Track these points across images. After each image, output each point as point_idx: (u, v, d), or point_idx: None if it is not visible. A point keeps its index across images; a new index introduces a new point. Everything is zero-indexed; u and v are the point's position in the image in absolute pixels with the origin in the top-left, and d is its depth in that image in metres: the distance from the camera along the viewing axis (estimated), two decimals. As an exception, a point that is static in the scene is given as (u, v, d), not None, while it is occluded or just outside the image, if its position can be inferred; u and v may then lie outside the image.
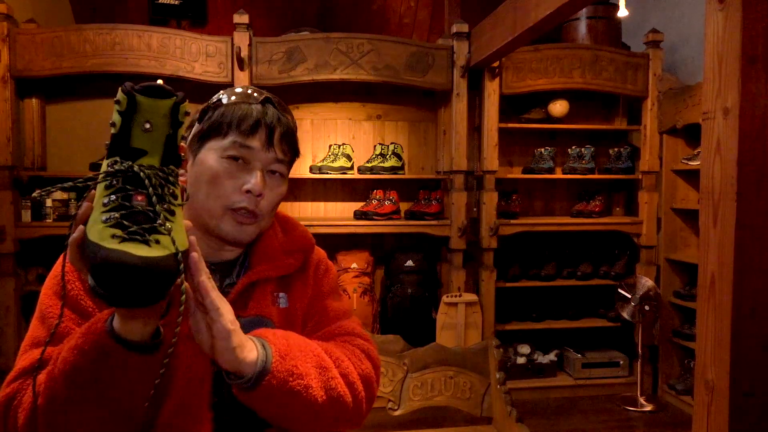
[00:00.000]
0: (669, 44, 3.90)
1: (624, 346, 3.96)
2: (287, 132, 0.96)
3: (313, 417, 0.88)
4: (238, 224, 0.93)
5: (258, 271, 0.97)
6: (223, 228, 0.93)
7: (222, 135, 0.92)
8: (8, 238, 3.13)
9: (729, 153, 1.34)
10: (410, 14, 5.11)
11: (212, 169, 0.92)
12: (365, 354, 1.00)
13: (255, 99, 0.95)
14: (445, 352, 2.29)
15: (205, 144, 0.94)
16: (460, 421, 2.79)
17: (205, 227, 0.94)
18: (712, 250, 1.39)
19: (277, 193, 0.97)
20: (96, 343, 0.73)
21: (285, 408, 0.85)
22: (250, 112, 0.93)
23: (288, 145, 0.97)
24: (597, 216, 3.84)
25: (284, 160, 0.97)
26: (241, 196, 0.92)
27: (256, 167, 0.93)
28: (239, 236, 0.94)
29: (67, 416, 0.77)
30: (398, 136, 3.87)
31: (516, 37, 2.78)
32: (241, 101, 0.94)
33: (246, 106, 0.93)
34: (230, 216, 0.92)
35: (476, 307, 3.49)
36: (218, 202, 0.92)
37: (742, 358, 1.33)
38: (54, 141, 3.48)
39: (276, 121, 0.94)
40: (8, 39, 3.12)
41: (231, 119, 0.92)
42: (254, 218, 0.94)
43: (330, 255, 4.25)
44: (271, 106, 0.96)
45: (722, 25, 1.35)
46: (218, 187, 0.92)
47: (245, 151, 0.92)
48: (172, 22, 4.55)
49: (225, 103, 0.94)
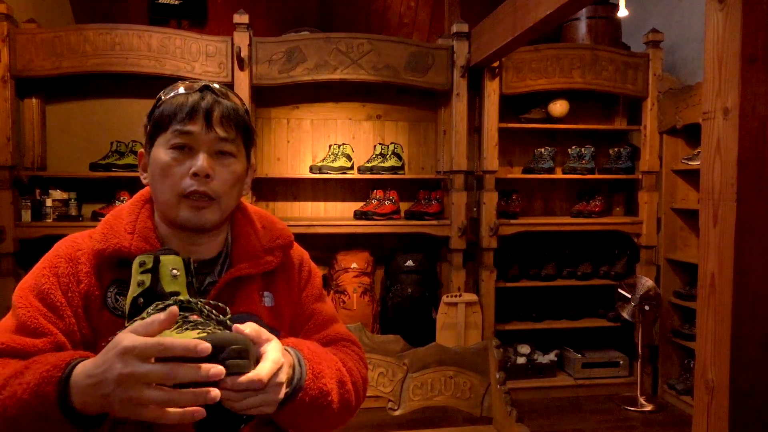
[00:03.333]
0: (669, 44, 3.90)
1: (624, 346, 3.96)
2: (228, 112, 0.95)
3: (326, 424, 0.95)
4: (194, 209, 0.93)
5: (239, 269, 0.98)
6: (181, 215, 0.93)
7: (165, 129, 0.94)
8: (8, 238, 3.13)
9: (729, 153, 1.34)
10: (410, 14, 5.12)
11: (162, 162, 0.93)
12: (362, 361, 1.07)
13: (192, 89, 0.95)
14: (445, 352, 2.29)
15: (155, 141, 0.95)
16: (460, 421, 2.79)
17: (171, 221, 0.96)
18: (712, 250, 1.39)
19: (229, 172, 0.95)
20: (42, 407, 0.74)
21: (307, 419, 0.90)
22: (186, 100, 0.93)
23: (231, 124, 0.96)
24: (597, 216, 3.84)
25: (229, 138, 0.95)
26: (190, 180, 0.92)
27: (200, 150, 0.93)
28: (199, 221, 0.94)
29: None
30: (398, 136, 3.87)
31: (516, 37, 2.78)
32: (177, 94, 0.95)
33: (182, 96, 0.94)
34: (185, 203, 0.93)
35: (476, 307, 3.49)
36: (172, 191, 0.93)
37: (742, 358, 1.33)
38: (54, 141, 3.48)
39: (214, 104, 0.94)
40: (8, 39, 3.12)
41: (170, 111, 0.93)
42: (210, 200, 0.94)
43: (330, 255, 4.23)
44: (209, 93, 0.95)
45: (722, 25, 1.35)
46: (169, 177, 0.93)
47: (186, 137, 0.92)
48: (172, 22, 4.56)
49: (164, 99, 0.96)
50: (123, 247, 0.93)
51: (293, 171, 3.77)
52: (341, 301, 3.51)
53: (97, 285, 0.93)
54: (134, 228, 0.96)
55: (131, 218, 0.97)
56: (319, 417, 0.91)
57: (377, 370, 2.24)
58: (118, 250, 0.93)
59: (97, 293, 0.92)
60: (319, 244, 3.72)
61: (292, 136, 3.79)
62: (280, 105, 3.75)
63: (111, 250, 0.92)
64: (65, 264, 0.93)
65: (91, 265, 0.93)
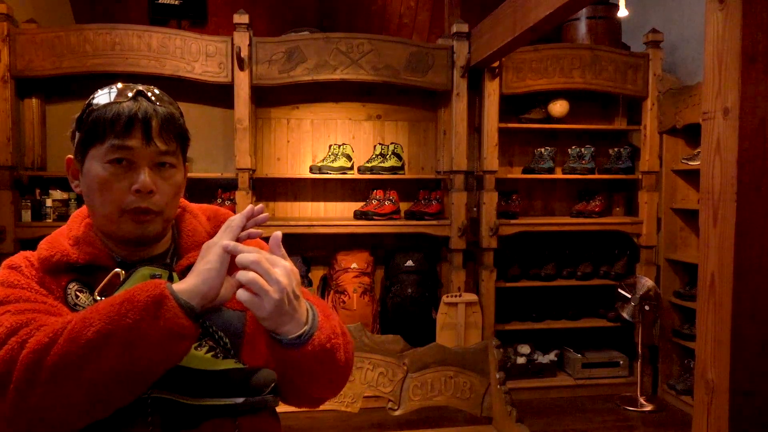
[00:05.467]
0: (669, 44, 3.90)
1: (624, 346, 3.96)
2: (166, 121, 0.93)
3: (334, 374, 0.93)
4: (138, 223, 0.92)
5: (189, 258, 0.97)
6: (124, 229, 0.92)
7: (100, 140, 0.90)
8: (8, 238, 3.13)
9: (729, 153, 1.34)
10: (410, 14, 5.12)
11: (99, 177, 0.90)
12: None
13: (125, 96, 0.92)
14: (445, 352, 2.29)
15: (88, 152, 0.92)
16: (460, 421, 2.79)
17: (108, 233, 0.95)
18: (712, 250, 1.39)
19: (170, 184, 0.94)
20: (152, 296, 0.77)
21: (320, 363, 0.88)
22: (122, 110, 0.90)
23: (171, 133, 0.93)
24: (597, 216, 3.84)
25: (169, 151, 0.93)
26: (132, 197, 0.91)
27: (141, 165, 0.91)
28: (143, 233, 0.93)
29: (79, 373, 0.75)
30: (398, 136, 3.87)
31: (516, 37, 2.78)
32: (112, 101, 0.91)
33: (116, 105, 0.90)
34: (127, 217, 0.92)
35: (476, 307, 3.49)
36: (112, 206, 0.91)
37: (742, 358, 1.33)
38: (54, 141, 3.49)
39: (152, 113, 0.91)
40: (8, 39, 3.13)
41: (104, 122, 0.90)
42: (152, 215, 0.93)
43: (330, 255, 4.23)
44: (143, 100, 0.92)
45: (722, 25, 1.35)
46: (108, 193, 0.91)
47: (125, 152, 0.90)
48: (172, 22, 4.55)
49: (96, 105, 0.92)
50: (70, 253, 0.92)
51: (293, 171, 3.77)
52: (341, 301, 3.51)
53: (54, 285, 0.92)
54: (77, 240, 0.95)
55: (72, 233, 0.96)
56: (330, 362, 0.89)
57: (377, 370, 2.24)
58: (65, 255, 0.92)
59: (56, 294, 0.91)
60: (319, 244, 3.72)
61: (292, 136, 3.79)
62: (280, 105, 3.75)
63: (57, 257, 0.92)
64: (24, 267, 0.92)
65: (43, 270, 0.92)
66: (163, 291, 0.78)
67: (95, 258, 0.93)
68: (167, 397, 0.83)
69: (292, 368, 0.88)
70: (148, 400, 0.82)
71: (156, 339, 0.77)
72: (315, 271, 3.77)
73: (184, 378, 0.84)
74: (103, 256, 0.94)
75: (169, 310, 0.78)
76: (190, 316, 0.79)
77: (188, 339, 0.80)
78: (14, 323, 0.80)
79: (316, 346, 0.86)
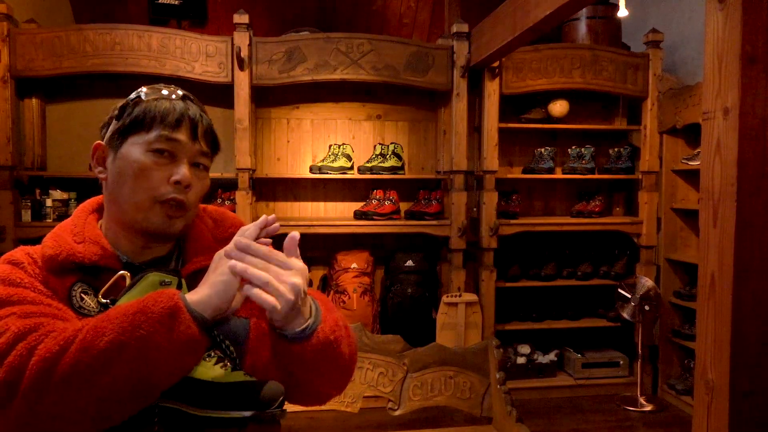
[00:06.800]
0: (669, 44, 3.90)
1: (624, 346, 3.96)
2: (209, 127, 0.98)
3: (338, 368, 0.92)
4: (167, 217, 0.93)
5: (195, 262, 0.97)
6: (152, 220, 0.93)
7: (146, 129, 0.92)
8: (8, 238, 3.13)
9: (729, 153, 1.34)
10: (410, 14, 5.12)
11: (138, 162, 0.91)
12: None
13: (176, 95, 0.96)
14: (445, 352, 2.29)
15: (128, 139, 0.93)
16: (460, 421, 2.79)
17: (131, 223, 0.94)
18: (712, 250, 1.39)
19: (202, 186, 0.97)
20: (166, 308, 0.77)
21: (327, 357, 0.88)
22: (173, 107, 0.94)
23: (211, 140, 0.99)
24: (597, 216, 3.84)
25: (208, 153, 0.98)
26: (170, 188, 0.92)
27: (183, 159, 0.93)
28: (168, 229, 0.94)
29: (90, 383, 0.74)
30: (398, 136, 3.87)
31: (516, 37, 2.78)
32: (161, 98, 0.95)
33: (167, 102, 0.94)
34: (159, 208, 0.92)
35: (476, 307, 3.49)
36: (147, 194, 0.92)
37: (742, 358, 1.33)
38: (54, 141, 3.48)
39: (199, 117, 0.96)
40: (8, 39, 3.13)
41: (155, 114, 0.92)
42: (183, 211, 0.94)
43: (330, 255, 4.24)
44: (191, 103, 0.97)
45: (722, 25, 1.35)
46: (146, 180, 0.91)
47: (172, 143, 0.92)
48: (173, 22, 4.55)
49: (145, 99, 0.95)
50: (76, 252, 0.91)
51: (293, 171, 3.77)
52: (341, 301, 3.51)
53: (59, 286, 0.90)
54: (84, 237, 0.94)
55: (77, 229, 0.95)
56: (334, 355, 0.89)
57: (377, 370, 2.24)
58: (71, 254, 0.90)
59: (60, 295, 0.89)
60: (319, 244, 3.72)
61: (292, 136, 3.79)
62: (280, 105, 3.75)
63: (64, 257, 0.90)
64: (27, 264, 0.90)
65: (47, 268, 0.90)
66: (177, 302, 0.78)
67: (101, 258, 0.92)
68: (174, 407, 0.82)
69: (298, 363, 0.87)
70: (155, 409, 0.82)
71: (169, 351, 0.76)
72: (315, 271, 3.77)
73: (192, 389, 0.83)
74: (110, 256, 0.93)
75: (183, 322, 0.77)
76: (202, 327, 0.79)
77: (200, 351, 0.80)
78: (21, 327, 0.78)
79: (321, 338, 0.86)
